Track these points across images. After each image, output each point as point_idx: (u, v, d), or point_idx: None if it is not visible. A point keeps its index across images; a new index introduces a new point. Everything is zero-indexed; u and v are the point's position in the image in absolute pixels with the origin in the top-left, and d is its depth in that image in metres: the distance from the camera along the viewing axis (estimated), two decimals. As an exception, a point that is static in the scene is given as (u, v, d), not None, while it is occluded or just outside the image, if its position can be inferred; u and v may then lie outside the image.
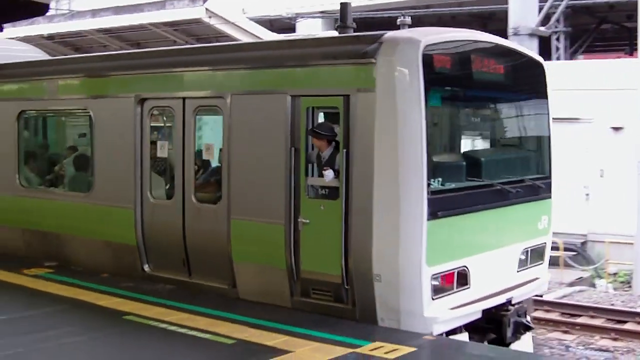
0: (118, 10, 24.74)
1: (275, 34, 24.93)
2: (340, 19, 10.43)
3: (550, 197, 11.01)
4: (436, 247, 8.68)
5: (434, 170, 8.75)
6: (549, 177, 11.07)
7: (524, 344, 10.42)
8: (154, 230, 10.79)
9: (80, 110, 12.35)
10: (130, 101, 10.91)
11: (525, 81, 11.12)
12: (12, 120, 13.09)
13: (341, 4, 10.53)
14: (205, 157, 10.87)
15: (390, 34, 9.03)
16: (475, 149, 10.76)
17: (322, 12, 32.54)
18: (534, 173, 11.05)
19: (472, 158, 10.12)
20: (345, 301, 9.04)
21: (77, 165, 12.73)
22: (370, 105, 8.69)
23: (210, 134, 10.77)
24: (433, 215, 8.61)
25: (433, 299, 8.74)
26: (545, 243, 11.03)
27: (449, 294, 9.02)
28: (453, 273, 9.05)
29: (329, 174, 9.10)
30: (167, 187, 11.14)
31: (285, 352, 7.40)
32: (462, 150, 10.31)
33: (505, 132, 11.26)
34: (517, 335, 10.03)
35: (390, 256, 8.60)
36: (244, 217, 9.70)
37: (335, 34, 10.84)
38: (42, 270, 11.03)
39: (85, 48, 28.41)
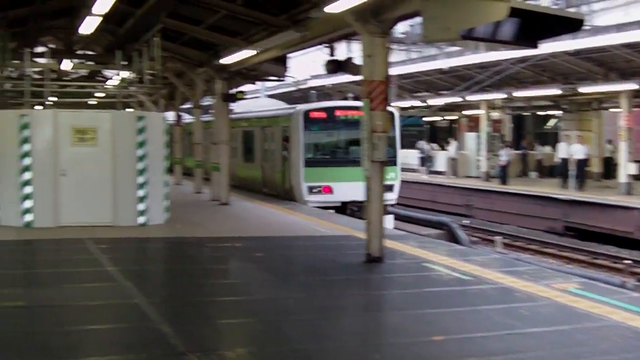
0: (643, 24, 23.70)
1: None
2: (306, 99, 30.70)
3: (395, 165, 23.43)
4: (309, 176, 22.88)
5: (307, 151, 23.08)
6: (395, 157, 23.42)
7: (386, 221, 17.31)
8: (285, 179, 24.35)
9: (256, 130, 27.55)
10: (279, 128, 25.01)
11: None
12: (240, 135, 28.44)
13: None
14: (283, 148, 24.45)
15: (298, 106, 25.04)
16: (333, 145, 24.09)
17: None
18: None
19: (329, 148, 24.04)
20: (291, 195, 23.37)
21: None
22: (291, 129, 23.54)
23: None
24: (306, 165, 22.94)
25: (309, 194, 22.85)
26: (392, 185, 23.04)
27: (321, 194, 22.93)
28: (323, 187, 22.94)
29: (285, 152, 23.87)
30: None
31: None
32: (322, 145, 23.98)
33: (359, 140, 19.68)
34: (355, 215, 21.30)
35: (295, 178, 23.21)
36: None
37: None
38: (570, 285, 10.80)
39: (609, 64, 27.80)
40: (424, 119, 46.47)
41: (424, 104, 39.11)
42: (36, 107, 19.27)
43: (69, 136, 16.41)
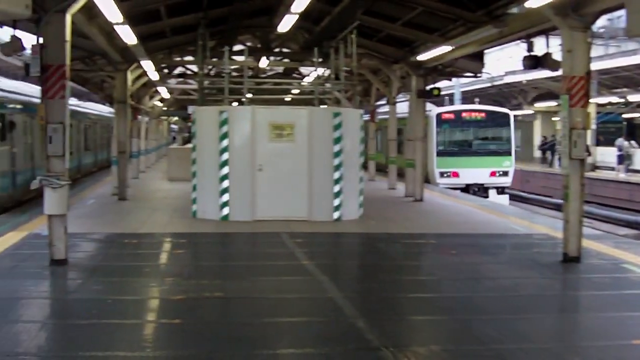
0: None
1: None
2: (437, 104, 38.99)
3: (510, 155, 31.29)
4: (441, 163, 30.89)
5: (439, 144, 31.24)
6: (510, 149, 31.43)
7: (502, 199, 29.80)
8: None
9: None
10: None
11: (494, 120, 32.05)
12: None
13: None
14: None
15: (432, 109, 32.58)
16: (459, 140, 31.84)
17: None
18: (500, 147, 31.47)
19: (457, 142, 31.84)
20: (427, 179, 26.98)
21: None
22: (427, 127, 27.34)
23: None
24: (438, 155, 31.02)
25: (440, 178, 30.67)
26: (507, 171, 31.04)
27: (450, 178, 30.67)
28: (452, 172, 30.73)
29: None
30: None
31: None
32: (453, 140, 31.79)
33: (480, 136, 31.93)
34: (477, 194, 29.35)
35: (430, 165, 29.70)
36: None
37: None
38: None
39: None
40: (623, 115, 44.83)
41: (623, 100, 37.75)
42: (233, 104, 19.88)
43: (267, 132, 16.78)
